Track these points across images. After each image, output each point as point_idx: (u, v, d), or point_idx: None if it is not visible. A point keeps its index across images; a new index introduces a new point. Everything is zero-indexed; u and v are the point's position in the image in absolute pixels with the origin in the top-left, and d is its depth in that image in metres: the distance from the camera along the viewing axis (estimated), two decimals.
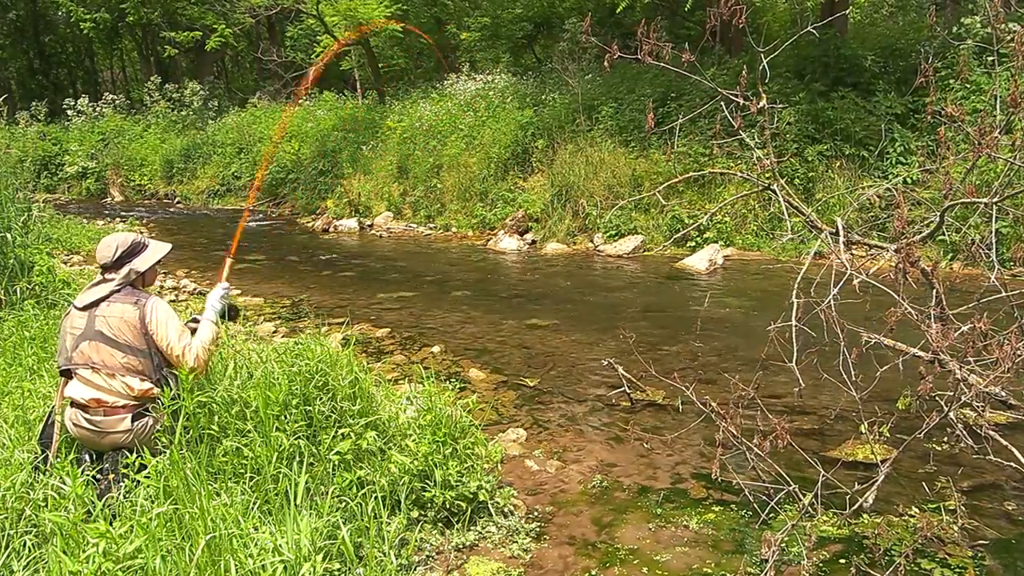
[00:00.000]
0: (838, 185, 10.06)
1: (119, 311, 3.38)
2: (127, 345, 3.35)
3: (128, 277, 3.46)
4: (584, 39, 4.16)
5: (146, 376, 3.37)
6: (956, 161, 6.99)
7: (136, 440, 3.33)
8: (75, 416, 3.33)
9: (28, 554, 2.82)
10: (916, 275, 3.77)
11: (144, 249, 3.57)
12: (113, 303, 3.40)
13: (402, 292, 8.92)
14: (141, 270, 3.51)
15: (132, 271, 3.48)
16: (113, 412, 3.31)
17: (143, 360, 3.37)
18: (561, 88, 14.83)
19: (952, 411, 3.53)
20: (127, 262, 3.49)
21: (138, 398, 3.34)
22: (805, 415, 4.77)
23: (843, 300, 3.54)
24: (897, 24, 14.19)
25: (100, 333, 3.34)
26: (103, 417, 3.30)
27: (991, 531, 3.45)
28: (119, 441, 3.33)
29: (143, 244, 3.58)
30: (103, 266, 3.50)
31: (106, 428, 3.30)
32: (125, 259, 3.49)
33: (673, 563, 3.29)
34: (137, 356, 3.36)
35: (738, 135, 4.13)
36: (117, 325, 3.35)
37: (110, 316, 3.36)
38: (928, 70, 3.91)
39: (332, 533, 2.96)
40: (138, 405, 3.35)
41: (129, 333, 3.36)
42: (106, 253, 3.48)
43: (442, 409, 3.74)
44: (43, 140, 25.09)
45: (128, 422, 3.31)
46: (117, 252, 3.47)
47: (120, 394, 3.32)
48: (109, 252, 3.47)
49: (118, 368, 3.33)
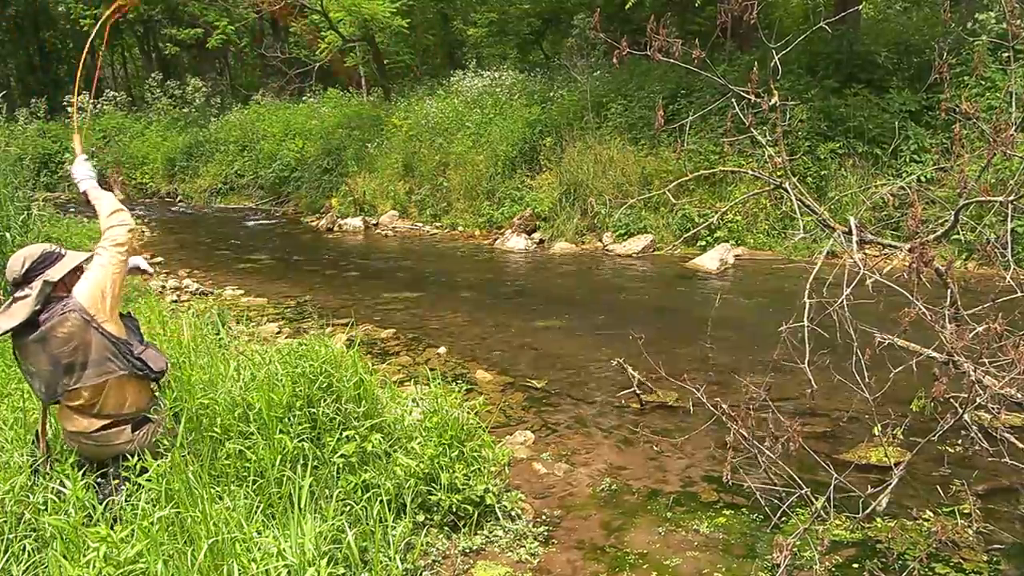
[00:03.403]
0: (851, 183, 9.96)
1: (69, 332, 3.16)
2: (98, 359, 3.19)
3: (43, 291, 3.15)
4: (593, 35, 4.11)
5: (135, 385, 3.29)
6: (971, 159, 6.91)
7: (138, 446, 3.29)
8: (74, 437, 3.27)
9: (28, 558, 2.79)
10: (930, 275, 3.71)
11: (59, 259, 3.30)
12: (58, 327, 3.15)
13: (408, 292, 8.89)
14: (55, 279, 3.21)
15: (45, 283, 3.17)
16: (112, 427, 3.26)
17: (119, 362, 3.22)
18: (569, 85, 14.75)
19: (967, 413, 3.48)
20: (38, 274, 3.21)
21: (136, 409, 3.29)
22: (818, 417, 4.71)
23: (856, 300, 3.49)
24: (911, 20, 14.05)
25: (71, 364, 3.16)
26: (102, 432, 3.25)
27: (1007, 535, 3.40)
28: (121, 451, 3.29)
29: (57, 254, 3.32)
30: (13, 283, 3.24)
31: (106, 442, 3.26)
32: (35, 271, 3.22)
33: (683, 567, 3.25)
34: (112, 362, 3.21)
35: (749, 132, 4.07)
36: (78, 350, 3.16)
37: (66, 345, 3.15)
38: (942, 66, 3.84)
39: (337, 537, 2.93)
40: (135, 415, 3.30)
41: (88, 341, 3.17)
42: (14, 267, 3.24)
43: (448, 411, 3.71)
44: (43, 137, 25.05)
45: (128, 433, 3.28)
46: (25, 265, 3.23)
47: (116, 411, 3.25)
48: (17, 266, 3.23)
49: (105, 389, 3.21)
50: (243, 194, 19.27)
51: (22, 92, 32.33)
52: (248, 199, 18.90)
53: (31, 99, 27.90)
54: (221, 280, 9.93)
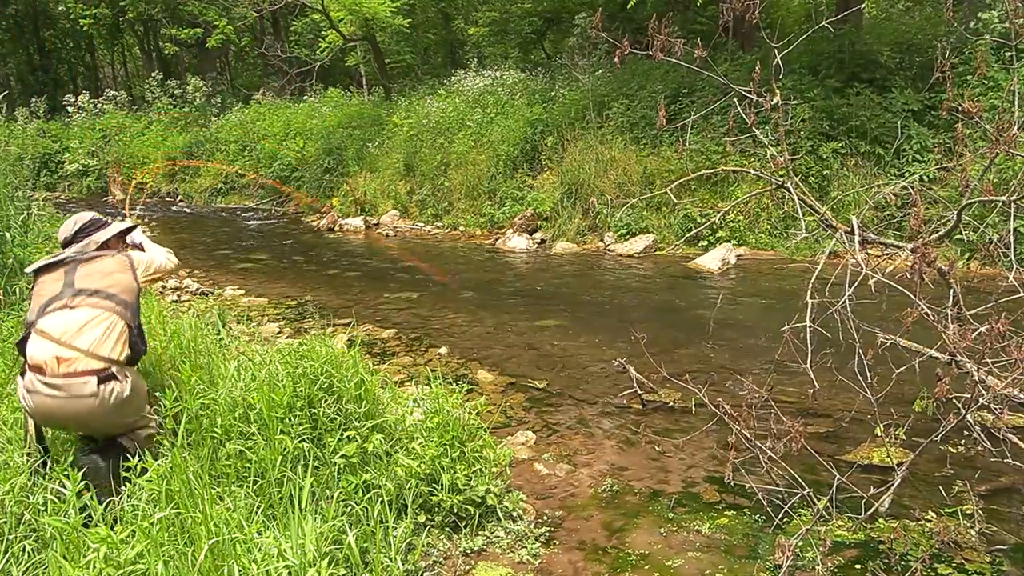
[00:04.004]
0: (853, 183, 9.94)
1: (105, 265, 3.44)
2: (116, 296, 3.36)
3: (86, 247, 3.50)
4: (595, 34, 4.10)
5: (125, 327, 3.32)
6: (973, 159, 6.89)
7: (107, 405, 3.17)
8: (31, 383, 3.12)
9: (28, 559, 2.78)
10: (933, 275, 3.71)
11: (106, 226, 3.67)
12: (96, 260, 3.45)
13: (408, 292, 8.87)
14: (101, 240, 3.57)
15: (92, 242, 3.53)
16: (75, 376, 3.12)
17: (128, 311, 3.36)
18: (571, 84, 14.73)
19: (970, 413, 3.47)
20: (87, 235, 3.57)
21: (107, 361, 3.20)
22: (820, 417, 4.70)
23: (858, 300, 3.48)
24: (913, 19, 14.05)
25: (85, 288, 3.33)
26: (68, 380, 3.11)
27: (1009, 535, 3.39)
28: (83, 411, 3.15)
29: (104, 221, 3.68)
30: (63, 242, 3.58)
31: (68, 393, 3.10)
32: (84, 232, 3.57)
33: (685, 568, 3.23)
34: (124, 307, 3.36)
35: (751, 132, 4.06)
36: (106, 277, 3.39)
37: (96, 270, 3.41)
38: (945, 66, 3.83)
39: (337, 538, 2.91)
40: (107, 368, 3.19)
41: (120, 285, 3.40)
42: (66, 229, 3.60)
43: (450, 411, 3.69)
44: (43, 137, 25.01)
45: (93, 385, 3.13)
46: (76, 226, 3.59)
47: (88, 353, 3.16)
48: (69, 228, 3.60)
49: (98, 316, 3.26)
50: (243, 194, 19.25)
51: (22, 91, 32.33)
52: (249, 199, 18.88)
53: (31, 98, 27.89)
54: (221, 280, 9.92)
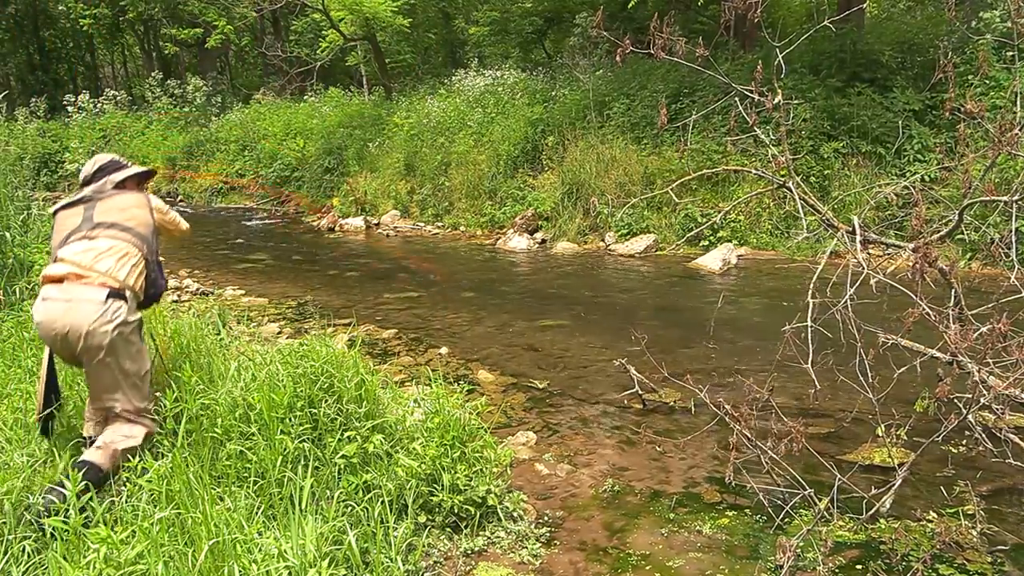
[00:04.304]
0: (854, 183, 9.93)
1: (122, 201, 3.70)
2: (132, 229, 3.60)
3: (103, 187, 3.74)
4: (595, 34, 4.09)
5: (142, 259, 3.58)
6: (975, 158, 6.88)
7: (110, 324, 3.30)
8: (46, 291, 3.35)
9: (27, 559, 2.77)
10: (934, 275, 3.70)
11: (124, 167, 3.91)
12: (114, 196, 3.71)
13: (409, 292, 8.87)
14: (116, 180, 3.79)
15: (108, 181, 3.77)
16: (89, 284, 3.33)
17: (145, 244, 3.62)
18: (572, 84, 14.72)
19: (971, 414, 3.46)
20: (104, 176, 3.80)
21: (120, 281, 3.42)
22: (821, 418, 4.69)
23: (860, 300, 3.47)
24: (915, 18, 14.04)
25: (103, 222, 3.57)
26: (77, 286, 3.32)
27: (1011, 536, 3.38)
28: (87, 326, 3.26)
29: (123, 163, 3.94)
30: (83, 180, 3.84)
31: (78, 298, 3.28)
32: (103, 173, 3.82)
33: (686, 569, 3.23)
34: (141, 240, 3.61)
35: (753, 132, 4.06)
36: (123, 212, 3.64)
37: (113, 206, 3.65)
38: (946, 65, 3.82)
39: (338, 538, 2.91)
40: (120, 288, 3.41)
41: (136, 219, 3.66)
42: (87, 170, 3.86)
43: (450, 412, 3.68)
44: (43, 137, 24.97)
45: (101, 299, 3.31)
46: (96, 166, 3.85)
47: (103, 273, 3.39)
48: (89, 168, 3.86)
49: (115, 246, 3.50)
50: (244, 194, 19.24)
51: (22, 91, 32.34)
52: (249, 199, 18.88)
53: (31, 98, 27.87)
54: (221, 280, 9.92)
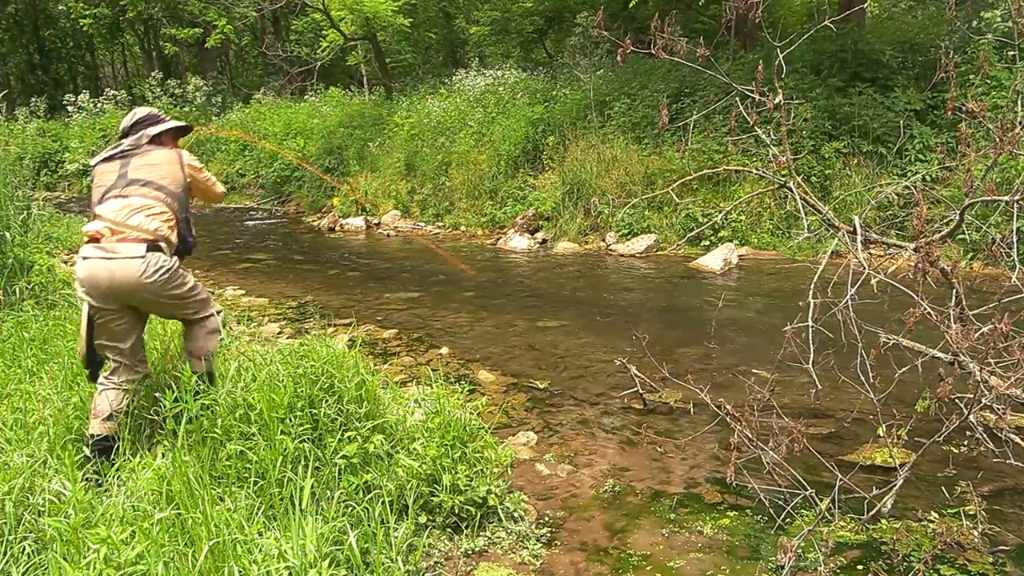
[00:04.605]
0: (855, 183, 9.92)
1: (155, 157, 3.84)
2: (163, 186, 3.75)
3: (139, 141, 3.88)
4: (596, 33, 4.08)
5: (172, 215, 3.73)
6: (976, 158, 6.87)
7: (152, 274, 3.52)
8: (87, 250, 3.55)
9: (27, 560, 2.77)
10: (935, 275, 3.69)
11: (160, 120, 4.03)
12: (148, 152, 3.85)
13: (409, 292, 8.87)
14: (151, 134, 3.92)
15: (144, 135, 3.90)
16: (127, 241, 3.55)
17: (175, 201, 3.76)
18: (572, 84, 14.72)
19: (972, 414, 3.45)
20: (140, 129, 3.94)
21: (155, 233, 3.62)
22: (822, 418, 4.69)
23: (861, 300, 3.47)
24: (916, 18, 14.03)
25: (136, 179, 3.73)
26: (116, 244, 3.53)
27: (1012, 536, 3.37)
28: (135, 272, 3.49)
29: (160, 117, 4.06)
30: (122, 131, 3.99)
31: (120, 255, 3.50)
32: (140, 126, 3.95)
33: (687, 569, 3.22)
34: (171, 197, 3.75)
35: (753, 132, 4.05)
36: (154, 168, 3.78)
37: (146, 162, 3.80)
38: (948, 65, 3.81)
39: (338, 539, 2.91)
40: (155, 240, 3.61)
41: (168, 175, 3.79)
42: (125, 122, 4.01)
43: (451, 412, 3.68)
44: (43, 137, 24.97)
45: (141, 249, 3.53)
46: (134, 118, 3.99)
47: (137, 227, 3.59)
48: (127, 121, 4.00)
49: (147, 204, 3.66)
50: (244, 193, 19.23)
51: (22, 91, 32.36)
52: (249, 198, 18.87)
53: (31, 98, 27.87)
54: (222, 280, 9.91)
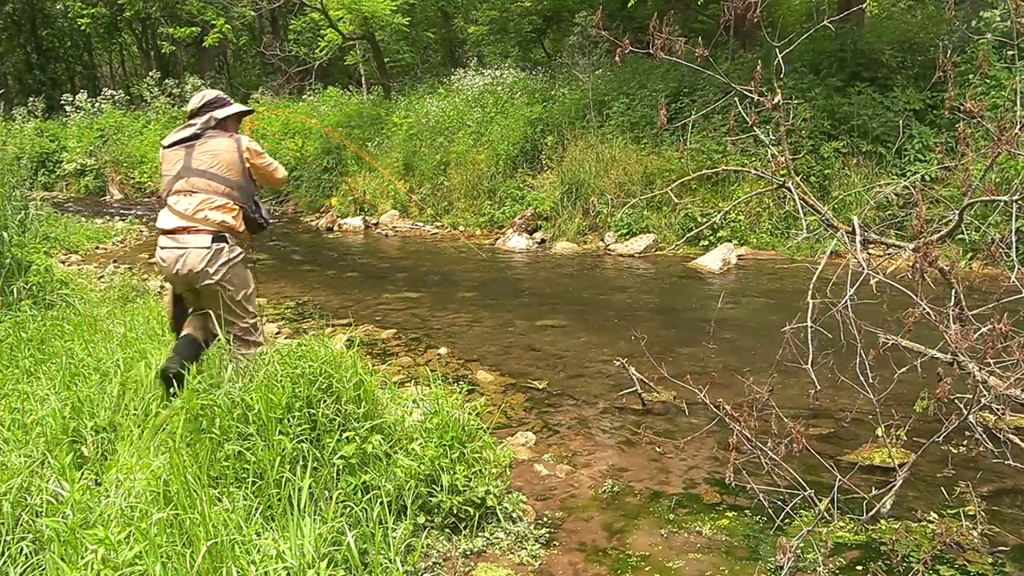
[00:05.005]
0: (854, 183, 9.93)
1: (214, 145, 4.10)
2: (223, 177, 4.06)
3: (207, 123, 4.16)
4: (595, 33, 4.08)
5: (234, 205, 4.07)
6: (976, 158, 6.87)
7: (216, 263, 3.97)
8: (162, 240, 4.04)
9: (25, 560, 2.76)
10: (934, 275, 3.68)
11: (226, 104, 4.30)
12: (209, 140, 4.11)
13: (408, 292, 8.86)
14: (218, 118, 4.20)
15: (211, 118, 4.17)
16: (193, 233, 3.97)
17: (235, 190, 4.07)
18: (571, 83, 14.72)
19: (971, 414, 3.45)
20: (208, 111, 4.20)
21: (219, 225, 4.00)
22: (821, 418, 4.69)
23: (860, 300, 3.46)
24: (915, 18, 14.03)
25: (197, 169, 4.04)
26: (185, 236, 3.97)
27: (1012, 537, 3.36)
28: (200, 261, 3.94)
29: (227, 100, 4.33)
30: (190, 112, 4.25)
31: (184, 244, 3.96)
32: (207, 108, 4.21)
33: (686, 570, 3.22)
34: (230, 186, 4.06)
35: (752, 131, 4.04)
36: (214, 158, 4.06)
37: (207, 151, 4.07)
38: (947, 65, 3.81)
39: (336, 539, 2.90)
40: (220, 231, 4.00)
41: (226, 163, 4.07)
42: (194, 103, 4.26)
43: (449, 412, 3.67)
44: (40, 136, 24.95)
45: (207, 239, 3.96)
46: (203, 101, 4.25)
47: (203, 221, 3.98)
48: (196, 102, 4.26)
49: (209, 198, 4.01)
50: None
51: (20, 91, 32.33)
52: None
53: (29, 98, 27.82)
54: None
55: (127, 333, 5.07)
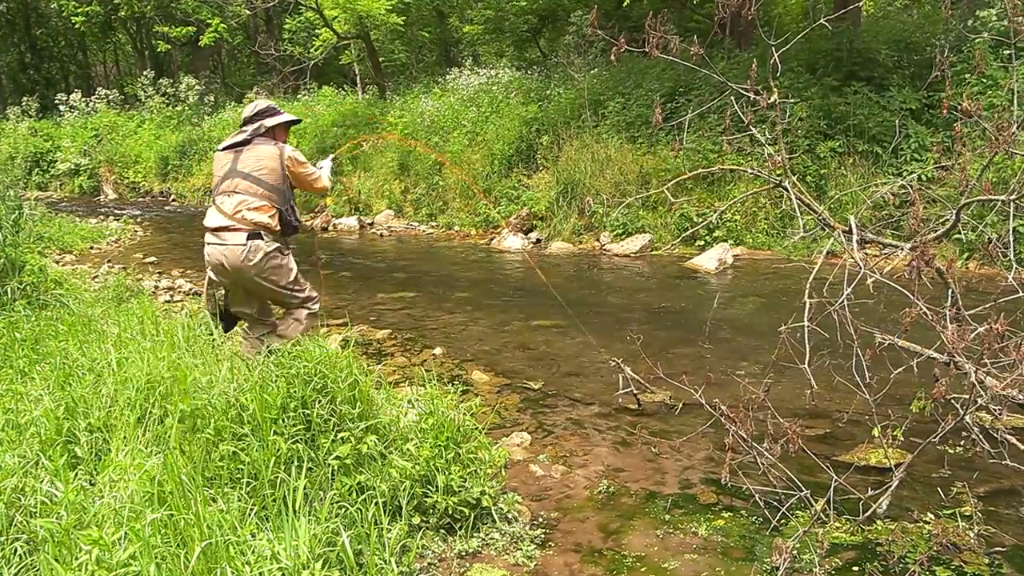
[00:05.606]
0: (851, 182, 9.93)
1: (260, 151, 4.53)
2: (263, 181, 4.47)
3: (257, 130, 4.60)
4: (590, 32, 4.07)
5: (271, 206, 4.48)
6: (972, 158, 6.88)
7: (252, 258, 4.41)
8: (207, 238, 4.51)
9: (19, 561, 2.74)
10: (931, 275, 3.68)
11: (277, 114, 4.72)
12: (256, 146, 4.55)
13: (403, 292, 8.85)
14: (268, 126, 4.64)
15: (261, 125, 4.61)
16: (233, 231, 4.41)
17: (273, 193, 4.48)
18: (566, 83, 14.70)
19: (968, 414, 3.44)
20: (259, 119, 4.64)
21: (255, 224, 4.42)
22: (817, 418, 4.68)
23: (856, 300, 3.45)
24: (911, 17, 14.04)
25: (241, 172, 4.48)
26: (226, 233, 4.42)
27: (1008, 537, 3.37)
28: (238, 256, 4.40)
29: (277, 110, 4.76)
30: (243, 120, 4.71)
31: (224, 241, 4.42)
32: (259, 117, 4.65)
33: (682, 570, 3.21)
34: (268, 190, 4.47)
35: (748, 131, 4.04)
36: (258, 162, 4.49)
37: (252, 156, 4.52)
38: (943, 64, 3.81)
39: (331, 540, 2.89)
40: (255, 229, 4.43)
41: (267, 169, 4.49)
42: (247, 111, 4.71)
43: (444, 412, 3.66)
44: (34, 136, 24.89)
45: (242, 237, 4.39)
46: (255, 110, 4.69)
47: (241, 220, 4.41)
48: (249, 110, 4.72)
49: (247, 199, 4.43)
50: None
51: (13, 90, 32.26)
52: None
53: (22, 97, 27.73)
54: None
55: (121, 333, 5.04)
